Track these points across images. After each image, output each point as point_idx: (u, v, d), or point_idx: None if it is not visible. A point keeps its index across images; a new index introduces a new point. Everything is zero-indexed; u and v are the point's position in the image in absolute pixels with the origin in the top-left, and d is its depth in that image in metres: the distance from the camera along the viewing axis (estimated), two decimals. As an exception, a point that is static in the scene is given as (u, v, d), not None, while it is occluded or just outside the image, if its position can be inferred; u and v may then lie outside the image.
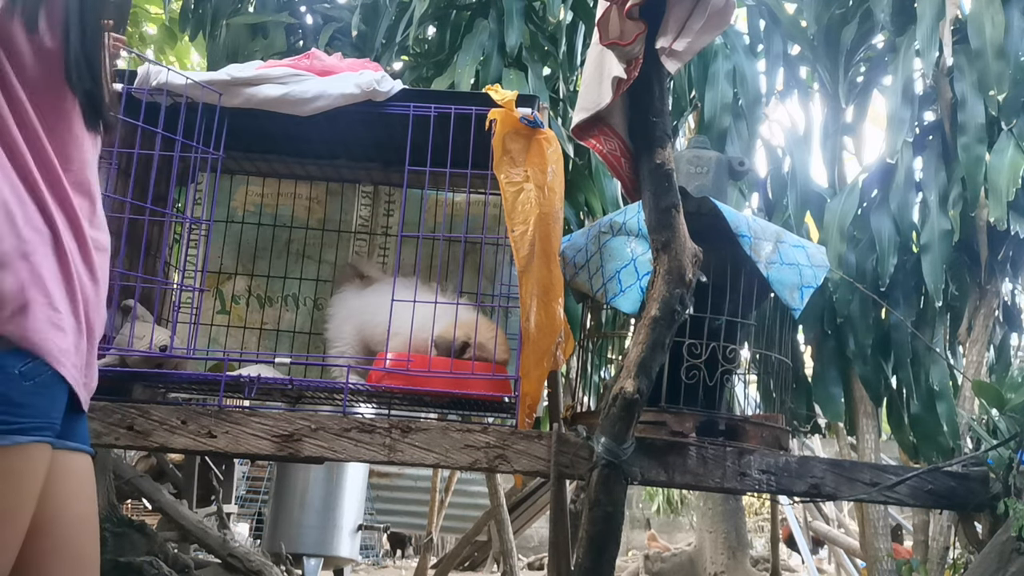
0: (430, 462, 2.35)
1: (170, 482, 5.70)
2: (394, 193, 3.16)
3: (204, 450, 2.40)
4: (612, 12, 2.09)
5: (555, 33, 3.78)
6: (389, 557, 10.38)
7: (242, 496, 8.03)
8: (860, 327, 3.36)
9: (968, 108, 3.26)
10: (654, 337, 2.10)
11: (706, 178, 2.61)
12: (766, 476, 2.39)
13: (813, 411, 3.58)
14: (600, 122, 2.29)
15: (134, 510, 7.04)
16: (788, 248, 2.46)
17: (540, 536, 10.63)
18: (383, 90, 2.56)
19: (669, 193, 2.14)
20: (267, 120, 2.59)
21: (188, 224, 2.96)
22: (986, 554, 2.39)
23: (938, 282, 3.20)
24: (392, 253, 3.10)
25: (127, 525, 3.65)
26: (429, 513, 6.86)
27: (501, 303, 2.84)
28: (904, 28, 3.50)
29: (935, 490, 2.49)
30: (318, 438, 2.32)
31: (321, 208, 3.16)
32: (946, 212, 3.28)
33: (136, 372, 2.45)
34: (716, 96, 3.59)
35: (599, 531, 2.17)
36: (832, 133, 3.74)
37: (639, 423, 2.20)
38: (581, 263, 2.56)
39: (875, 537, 3.40)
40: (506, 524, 5.58)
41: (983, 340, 3.35)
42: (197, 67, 5.94)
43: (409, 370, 2.43)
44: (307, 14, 4.37)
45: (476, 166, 2.52)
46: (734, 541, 7.23)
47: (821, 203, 3.56)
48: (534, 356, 2.44)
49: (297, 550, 5.36)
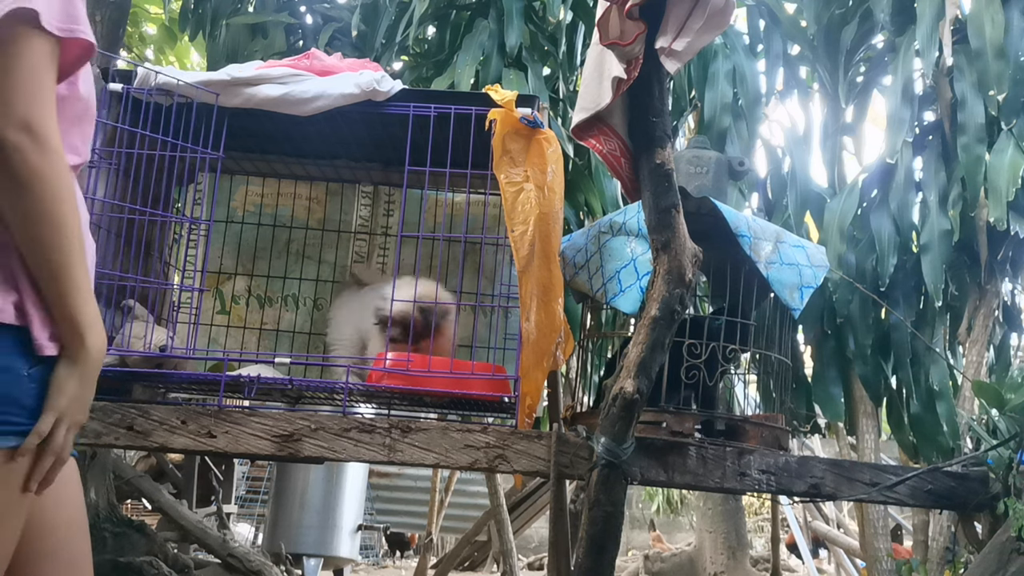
0: (430, 462, 2.35)
1: (170, 482, 5.70)
2: (394, 193, 3.16)
3: (204, 450, 2.40)
4: (612, 12, 2.09)
5: (555, 33, 3.78)
6: (389, 557, 10.37)
7: (242, 496, 8.03)
8: (860, 327, 3.36)
9: (968, 108, 3.26)
10: (654, 337, 2.10)
11: (706, 178, 2.61)
12: (766, 476, 2.39)
13: (813, 411, 3.58)
14: (600, 122, 2.29)
15: (134, 510, 7.03)
16: (788, 248, 2.46)
17: (540, 536, 10.63)
18: (383, 90, 2.56)
19: (669, 193, 2.14)
20: (267, 120, 2.59)
21: (188, 224, 2.96)
22: (986, 554, 2.39)
23: (938, 282, 3.20)
24: (392, 253, 3.10)
25: (127, 525, 3.66)
26: (429, 513, 6.86)
27: (501, 303, 2.84)
28: (904, 28, 3.50)
29: (935, 490, 2.49)
30: (318, 438, 2.32)
31: (321, 208, 3.16)
32: (946, 212, 3.28)
33: (136, 372, 2.45)
34: (716, 96, 3.59)
35: (599, 531, 2.17)
36: (832, 133, 3.74)
37: (639, 423, 2.20)
38: (581, 263, 2.56)
39: (875, 537, 3.40)
40: (506, 524, 5.57)
41: (983, 340, 3.35)
42: (197, 67, 5.95)
43: (409, 370, 2.43)
44: (307, 14, 4.37)
45: (476, 166, 2.52)
46: (734, 541, 7.23)
47: (821, 203, 3.56)
48: (534, 356, 2.44)
49: (297, 550, 5.36)
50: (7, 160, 1.20)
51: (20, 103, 1.21)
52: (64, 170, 1.24)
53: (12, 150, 1.19)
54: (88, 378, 1.30)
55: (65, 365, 1.28)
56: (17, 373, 1.24)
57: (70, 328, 1.27)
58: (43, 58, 1.25)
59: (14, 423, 1.25)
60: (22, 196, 1.21)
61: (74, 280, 1.25)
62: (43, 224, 1.22)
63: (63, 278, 1.25)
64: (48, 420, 1.26)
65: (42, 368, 1.27)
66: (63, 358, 1.28)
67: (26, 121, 1.20)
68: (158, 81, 2.51)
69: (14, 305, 1.24)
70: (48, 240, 1.23)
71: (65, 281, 1.25)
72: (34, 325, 1.25)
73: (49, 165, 1.21)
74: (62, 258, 1.24)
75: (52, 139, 1.23)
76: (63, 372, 1.28)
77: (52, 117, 1.24)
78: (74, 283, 1.26)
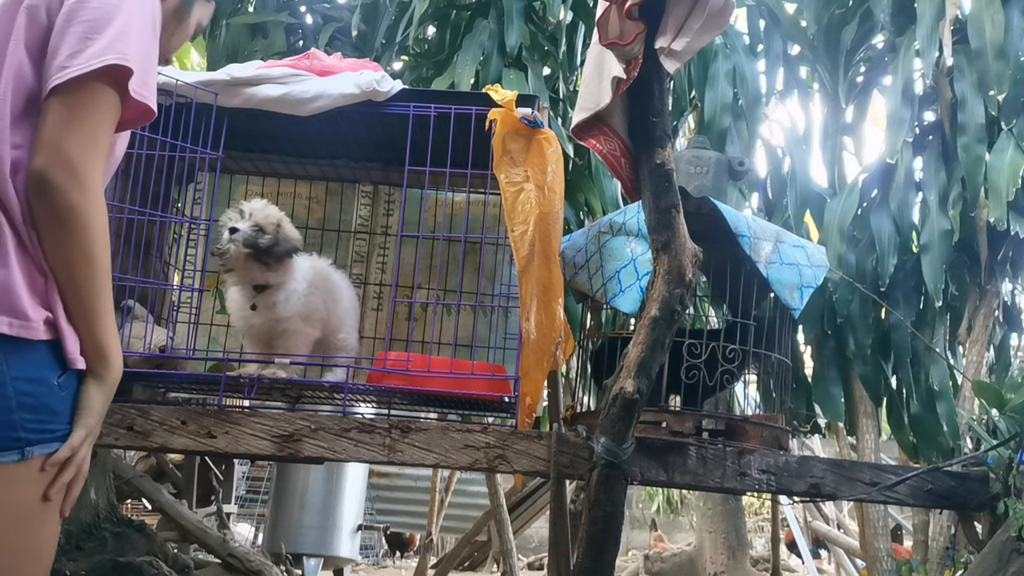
0: (430, 462, 2.35)
1: (170, 482, 5.69)
2: (394, 193, 3.16)
3: (204, 450, 2.40)
4: (612, 12, 2.09)
5: (555, 33, 3.78)
6: (389, 557, 10.37)
7: (242, 496, 8.03)
8: (860, 327, 3.36)
9: (968, 108, 3.26)
10: (654, 337, 2.10)
11: (706, 178, 2.61)
12: (766, 476, 2.39)
13: (813, 411, 3.58)
14: (600, 122, 2.29)
15: (134, 510, 7.03)
16: (788, 248, 2.46)
17: (540, 536, 10.63)
18: (383, 90, 2.56)
19: (669, 193, 2.14)
20: (267, 120, 2.59)
21: (188, 224, 2.96)
22: (986, 554, 2.39)
23: (938, 282, 3.20)
24: (392, 253, 3.10)
25: (127, 525, 3.65)
26: (429, 513, 6.86)
27: (501, 303, 2.84)
28: (904, 28, 3.50)
29: (935, 490, 2.49)
30: (318, 438, 2.32)
31: (321, 208, 3.15)
32: (946, 212, 3.28)
33: (136, 372, 2.45)
34: (716, 96, 3.59)
35: (599, 531, 2.17)
36: (832, 133, 3.74)
37: (639, 423, 2.20)
38: (581, 263, 2.56)
39: (875, 537, 3.40)
40: (506, 524, 5.58)
41: (983, 340, 3.35)
42: (197, 67, 5.94)
43: (409, 370, 2.43)
44: (307, 14, 4.37)
45: (476, 166, 2.52)
46: (734, 541, 7.23)
47: (821, 203, 3.56)
48: (534, 356, 2.44)
49: (297, 550, 5.36)
50: (51, 196, 1.29)
51: (74, 147, 1.30)
52: (101, 211, 1.33)
53: (55, 187, 1.29)
54: (110, 396, 1.41)
55: (94, 385, 1.38)
56: (50, 384, 1.33)
57: (96, 351, 1.37)
58: (110, 112, 1.36)
59: (51, 430, 1.33)
60: (60, 230, 1.31)
61: (101, 309, 1.36)
62: (76, 257, 1.32)
63: (91, 307, 1.35)
64: (80, 436, 1.36)
65: (68, 376, 1.35)
66: (90, 379, 1.38)
67: (74, 164, 1.30)
68: (158, 81, 2.50)
69: (45, 321, 1.32)
70: (80, 272, 1.33)
71: (92, 309, 1.35)
72: (67, 340, 1.34)
73: (88, 204, 1.31)
74: (91, 289, 1.34)
75: (95, 183, 1.33)
76: (92, 392, 1.38)
77: (100, 165, 1.34)
78: (101, 311, 1.36)
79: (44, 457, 1.32)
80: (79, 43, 1.32)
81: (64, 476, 1.35)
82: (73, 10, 1.34)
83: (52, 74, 1.31)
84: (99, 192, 1.34)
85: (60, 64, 1.31)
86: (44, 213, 1.30)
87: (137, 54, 1.36)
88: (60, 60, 1.31)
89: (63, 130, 1.30)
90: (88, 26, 1.33)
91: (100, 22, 1.34)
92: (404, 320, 3.02)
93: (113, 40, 1.33)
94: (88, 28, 1.33)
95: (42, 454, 1.32)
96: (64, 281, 1.33)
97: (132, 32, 1.36)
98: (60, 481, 1.34)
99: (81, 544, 3.41)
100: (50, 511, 1.35)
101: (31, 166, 1.29)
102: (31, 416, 1.30)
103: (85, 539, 3.43)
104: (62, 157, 1.29)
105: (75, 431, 1.36)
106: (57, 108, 1.31)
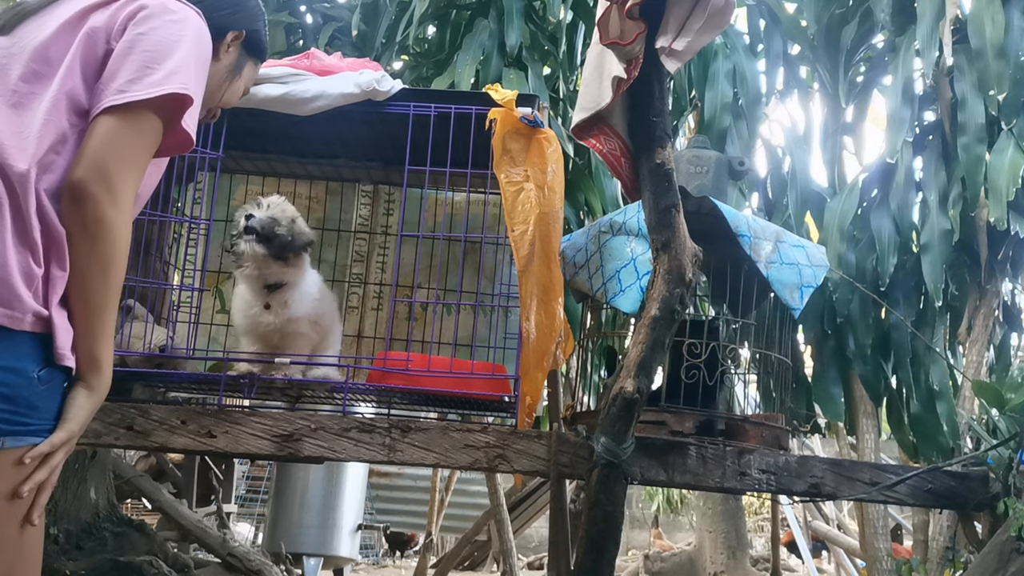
0: (430, 462, 2.35)
1: (170, 482, 5.69)
2: (394, 192, 3.16)
3: (204, 450, 2.40)
4: (612, 12, 2.09)
5: (555, 33, 3.78)
6: (389, 557, 10.37)
7: (242, 496, 8.03)
8: (860, 327, 3.36)
9: (968, 108, 3.26)
10: (654, 337, 2.10)
11: (706, 178, 2.61)
12: (766, 476, 2.39)
13: (813, 411, 3.58)
14: (600, 122, 2.29)
15: (134, 510, 7.03)
16: (788, 248, 2.46)
17: (540, 536, 10.62)
18: (383, 90, 2.56)
19: (669, 193, 2.14)
20: (267, 119, 2.59)
21: (188, 223, 2.96)
22: (986, 554, 2.39)
23: (938, 282, 3.20)
24: (392, 252, 3.10)
25: (127, 525, 3.65)
26: (429, 513, 6.86)
27: (501, 303, 2.84)
28: (904, 28, 3.50)
29: (935, 490, 2.49)
30: (318, 438, 2.32)
31: (321, 207, 3.15)
32: (946, 212, 3.28)
33: (136, 372, 2.45)
34: (716, 96, 3.59)
35: (599, 531, 2.17)
36: (832, 133, 3.74)
37: (639, 423, 2.20)
38: (581, 263, 2.56)
39: (875, 537, 3.40)
40: (506, 524, 5.57)
41: (983, 340, 3.35)
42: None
43: (409, 370, 2.43)
44: (307, 14, 4.36)
45: (476, 166, 2.52)
46: (734, 541, 7.23)
47: (821, 203, 3.56)
48: (534, 356, 2.44)
49: (297, 550, 5.36)
50: (85, 205, 1.34)
51: (113, 165, 1.36)
52: (127, 229, 1.39)
53: (91, 197, 1.34)
54: (96, 407, 1.42)
55: (83, 394, 1.39)
56: (28, 376, 1.32)
57: (90, 360, 1.39)
58: (153, 137, 1.43)
59: (25, 423, 1.32)
60: (86, 239, 1.36)
61: (104, 321, 1.39)
62: (94, 267, 1.37)
63: (95, 318, 1.38)
64: (62, 437, 1.36)
65: (51, 371, 1.35)
66: (80, 386, 1.39)
67: (112, 179, 1.35)
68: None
69: (34, 313, 1.33)
70: (94, 282, 1.37)
71: (96, 320, 1.38)
72: (58, 335, 1.35)
73: (118, 219, 1.37)
74: (100, 301, 1.38)
75: (127, 201, 1.39)
76: (80, 399, 1.39)
77: (135, 184, 1.40)
78: (103, 323, 1.39)
79: (16, 450, 1.31)
80: (139, 71, 1.40)
81: (38, 474, 1.33)
82: (136, 39, 1.43)
83: (108, 95, 1.39)
84: (130, 210, 1.39)
85: (118, 87, 1.39)
86: (75, 221, 1.35)
87: (194, 88, 1.45)
88: (119, 84, 1.39)
89: (108, 147, 1.36)
90: (149, 56, 1.42)
91: (161, 54, 1.42)
92: (404, 320, 3.03)
93: (172, 72, 1.41)
94: (149, 58, 1.42)
95: (13, 446, 1.31)
96: (76, 288, 1.37)
97: (190, 67, 1.45)
98: (34, 478, 1.33)
99: (81, 544, 3.40)
100: (15, 510, 1.33)
101: (71, 175, 1.35)
102: (6, 406, 1.30)
103: (85, 539, 3.43)
104: (102, 171, 1.34)
105: (58, 431, 1.36)
106: (107, 125, 1.37)
